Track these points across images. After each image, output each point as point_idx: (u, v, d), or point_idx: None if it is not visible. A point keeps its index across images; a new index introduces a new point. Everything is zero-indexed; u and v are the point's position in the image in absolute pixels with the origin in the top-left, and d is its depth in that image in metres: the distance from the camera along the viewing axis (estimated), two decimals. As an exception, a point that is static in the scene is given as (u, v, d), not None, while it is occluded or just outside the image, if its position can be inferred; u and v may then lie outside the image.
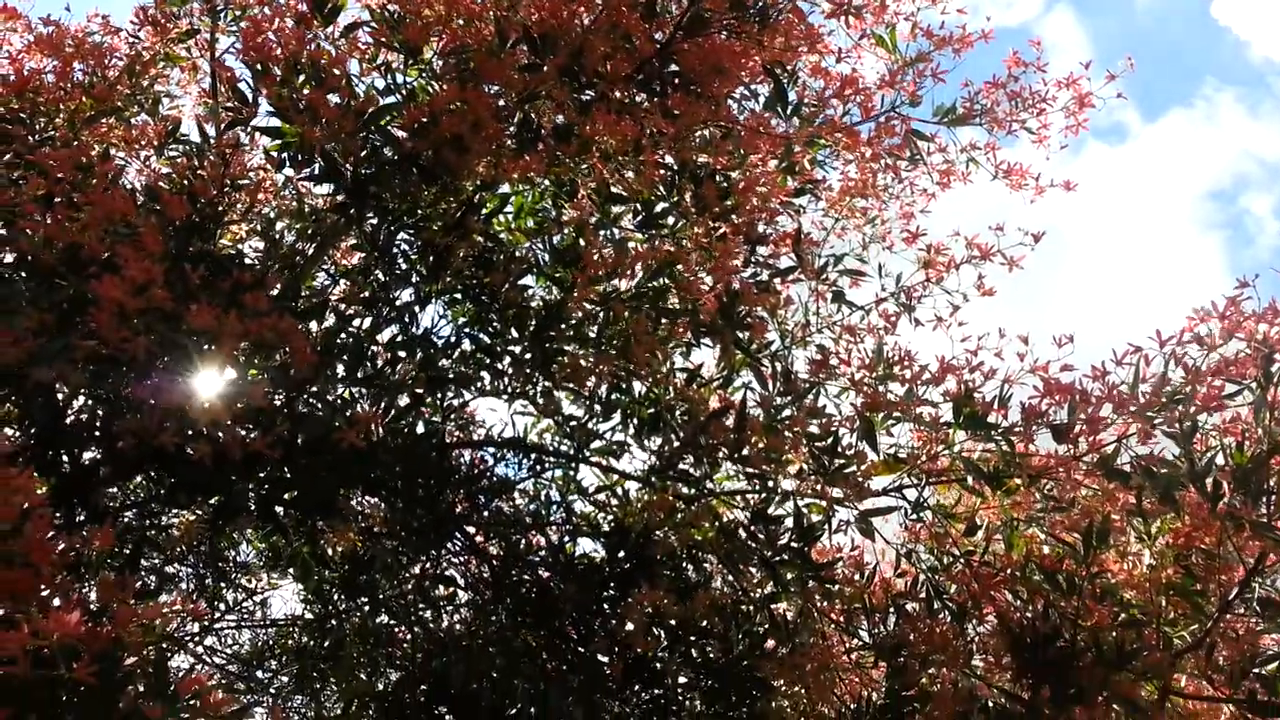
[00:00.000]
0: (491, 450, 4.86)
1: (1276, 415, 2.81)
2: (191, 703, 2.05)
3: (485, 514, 4.41)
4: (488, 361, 3.90)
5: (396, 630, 4.67)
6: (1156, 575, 3.29)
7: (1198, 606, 3.13)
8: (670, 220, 3.95)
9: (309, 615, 4.68)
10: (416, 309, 3.88)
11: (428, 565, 4.18)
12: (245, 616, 5.17)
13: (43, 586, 2.20)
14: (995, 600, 3.38)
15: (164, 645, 2.25)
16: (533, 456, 4.65)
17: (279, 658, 4.91)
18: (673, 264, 3.40)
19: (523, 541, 4.34)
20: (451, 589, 4.32)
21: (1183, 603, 3.21)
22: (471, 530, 4.43)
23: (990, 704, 3.31)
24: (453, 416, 4.74)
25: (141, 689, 2.08)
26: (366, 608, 4.55)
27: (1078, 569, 3.08)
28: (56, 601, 2.14)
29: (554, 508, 4.37)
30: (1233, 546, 3.01)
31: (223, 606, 5.05)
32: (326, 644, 4.48)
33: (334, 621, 4.72)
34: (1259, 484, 2.77)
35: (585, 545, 4.42)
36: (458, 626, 4.45)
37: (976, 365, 3.46)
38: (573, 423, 4.19)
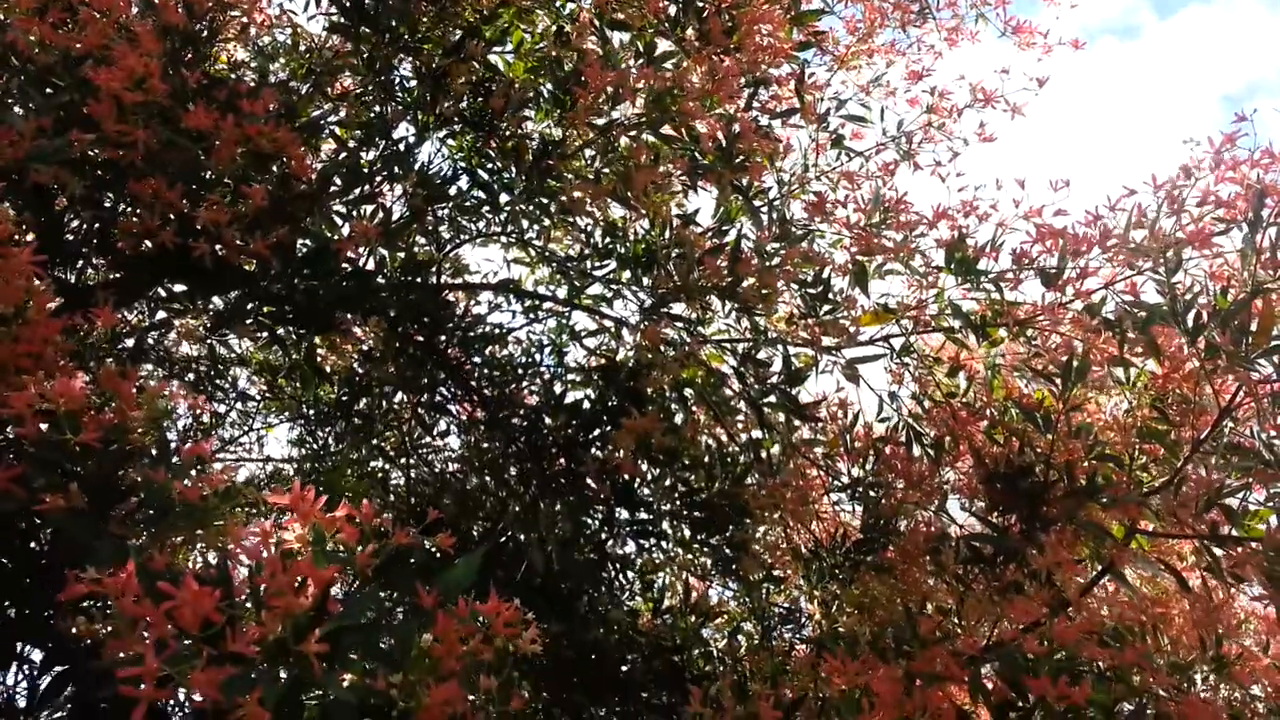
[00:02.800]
0: (487, 298, 4.91)
1: (1263, 259, 2.84)
2: (194, 470, 2.12)
3: (478, 360, 4.47)
4: (485, 198, 3.90)
5: (390, 471, 4.79)
6: (1131, 420, 3.38)
7: (1171, 450, 3.21)
8: (671, 64, 3.89)
9: (303, 451, 4.79)
10: (414, 143, 3.86)
11: (422, 396, 4.26)
12: (242, 450, 5.29)
13: (43, 371, 2.24)
14: (972, 437, 3.47)
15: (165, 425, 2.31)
16: (526, 303, 4.69)
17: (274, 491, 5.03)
18: (674, 90, 3.36)
19: (514, 386, 4.41)
20: (447, 423, 4.40)
21: (1155, 448, 3.30)
22: (464, 377, 4.49)
23: (960, 539, 3.44)
24: (448, 264, 4.77)
25: (145, 458, 2.14)
26: (361, 449, 4.66)
27: (1055, 404, 3.15)
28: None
29: (547, 350, 4.43)
30: (1211, 389, 3.08)
31: (217, 443, 5.16)
32: (321, 478, 4.59)
33: (329, 461, 4.83)
34: (1241, 326, 2.82)
35: (577, 396, 4.50)
36: (450, 465, 4.57)
37: (971, 210, 3.48)
38: (569, 265, 4.20)
